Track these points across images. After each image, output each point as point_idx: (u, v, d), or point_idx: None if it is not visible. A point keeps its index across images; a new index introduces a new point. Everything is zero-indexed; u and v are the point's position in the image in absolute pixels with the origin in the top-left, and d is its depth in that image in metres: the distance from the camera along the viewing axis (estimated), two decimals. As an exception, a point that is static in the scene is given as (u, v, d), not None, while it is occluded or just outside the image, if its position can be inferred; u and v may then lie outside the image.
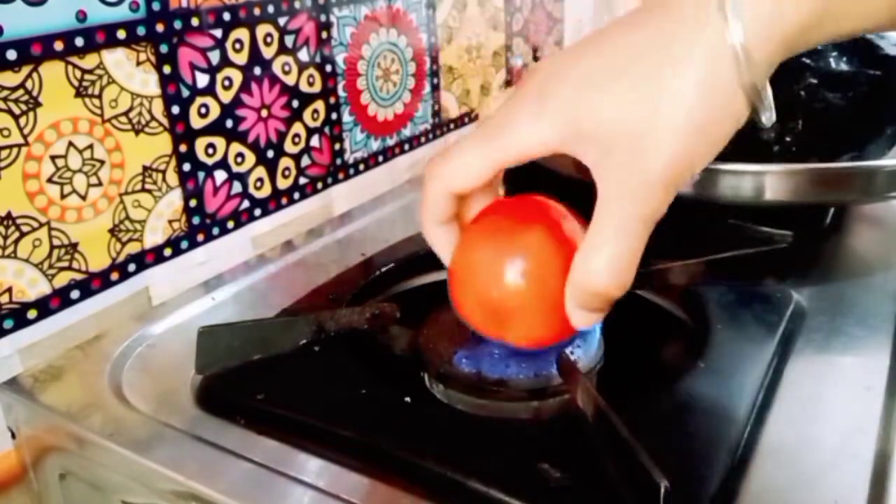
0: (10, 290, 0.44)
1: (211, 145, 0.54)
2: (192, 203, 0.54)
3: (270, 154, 0.59)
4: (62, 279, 0.47)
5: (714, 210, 0.55)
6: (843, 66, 0.54)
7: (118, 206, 0.49)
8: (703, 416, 0.34)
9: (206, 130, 0.54)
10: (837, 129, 0.54)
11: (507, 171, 0.37)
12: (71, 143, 0.46)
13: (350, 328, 0.43)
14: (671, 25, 0.30)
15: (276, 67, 0.58)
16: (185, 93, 0.52)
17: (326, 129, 0.64)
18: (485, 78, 0.83)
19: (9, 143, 0.43)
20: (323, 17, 0.61)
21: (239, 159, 0.57)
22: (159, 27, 0.49)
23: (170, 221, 0.53)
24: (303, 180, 0.62)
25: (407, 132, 0.73)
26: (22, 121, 0.43)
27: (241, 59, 0.55)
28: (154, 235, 0.52)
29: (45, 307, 0.46)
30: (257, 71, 0.56)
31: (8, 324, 0.44)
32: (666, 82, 0.29)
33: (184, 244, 0.54)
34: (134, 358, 0.44)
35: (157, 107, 0.50)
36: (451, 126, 0.79)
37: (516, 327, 0.37)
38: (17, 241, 0.44)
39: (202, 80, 0.53)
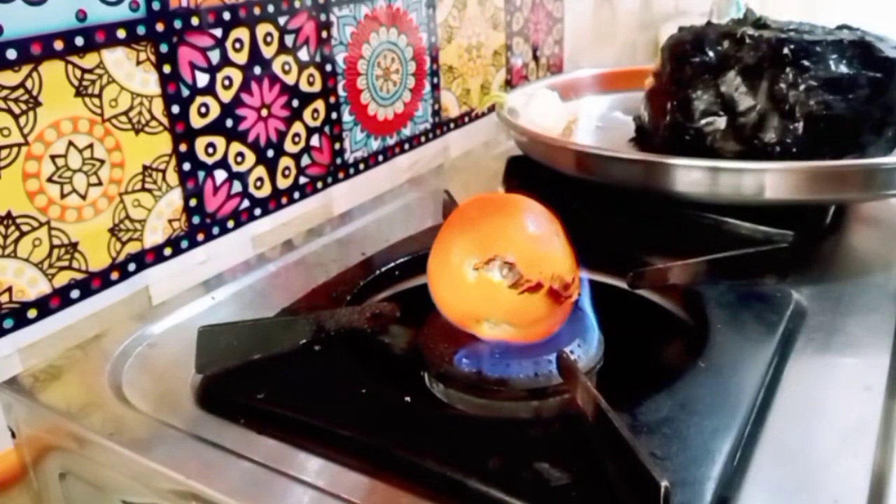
0: (10, 289, 0.44)
1: (211, 145, 0.54)
2: (192, 202, 0.54)
3: (270, 153, 0.59)
4: (62, 279, 0.47)
5: (714, 209, 0.55)
6: (844, 69, 0.54)
7: (118, 206, 0.49)
8: (703, 416, 0.34)
9: (206, 130, 0.54)
10: (838, 131, 0.54)
11: (507, 171, 0.38)
12: (71, 143, 0.46)
13: (350, 328, 0.43)
14: None
15: (276, 67, 0.58)
16: (185, 92, 0.52)
17: (326, 129, 0.64)
18: (485, 77, 0.83)
19: (9, 142, 0.43)
20: (323, 17, 0.61)
21: (239, 159, 0.57)
22: (159, 26, 0.49)
23: (170, 221, 0.53)
24: (303, 180, 0.62)
25: (407, 131, 0.73)
26: (22, 120, 0.43)
27: (241, 58, 0.55)
28: (154, 235, 0.52)
29: (45, 307, 0.46)
30: (257, 70, 0.56)
31: (8, 323, 0.44)
32: None
33: (184, 244, 0.54)
34: (134, 357, 0.44)
35: (157, 106, 0.50)
36: (452, 125, 0.79)
37: (491, 324, 0.39)
38: (17, 241, 0.44)
39: (202, 79, 0.53)
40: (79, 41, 0.45)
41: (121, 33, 0.47)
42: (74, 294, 0.47)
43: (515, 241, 0.38)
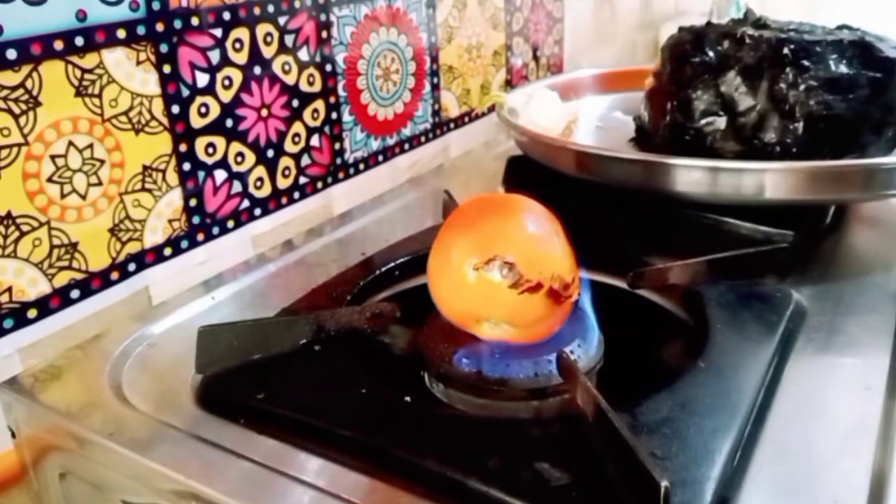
0: (10, 289, 0.44)
1: (211, 145, 0.54)
2: (192, 202, 0.54)
3: (270, 153, 0.59)
4: (62, 279, 0.47)
5: (714, 209, 0.55)
6: (843, 69, 0.54)
7: (118, 206, 0.49)
8: (703, 416, 0.34)
9: (206, 130, 0.54)
10: (838, 131, 0.54)
11: (507, 171, 0.38)
12: (71, 143, 0.46)
13: (350, 328, 0.43)
14: None
15: (276, 67, 0.58)
16: (185, 92, 0.52)
17: (326, 129, 0.64)
18: (485, 77, 0.83)
19: (9, 142, 0.43)
20: (323, 17, 0.61)
21: (239, 159, 0.57)
22: (159, 26, 0.49)
23: (170, 221, 0.53)
24: (303, 180, 0.62)
25: (407, 132, 0.73)
26: (22, 120, 0.43)
27: (241, 58, 0.55)
28: (154, 235, 0.52)
29: (45, 307, 0.46)
30: (257, 70, 0.56)
31: (8, 323, 0.44)
32: None
33: (184, 243, 0.54)
34: (134, 357, 0.44)
35: (157, 106, 0.50)
36: (452, 125, 0.79)
37: (491, 324, 0.39)
38: (17, 241, 0.44)
39: (202, 79, 0.53)
40: (79, 41, 0.45)
41: (121, 33, 0.47)
42: (74, 294, 0.47)
43: (515, 241, 0.38)
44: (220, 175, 0.55)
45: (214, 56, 0.53)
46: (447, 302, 0.40)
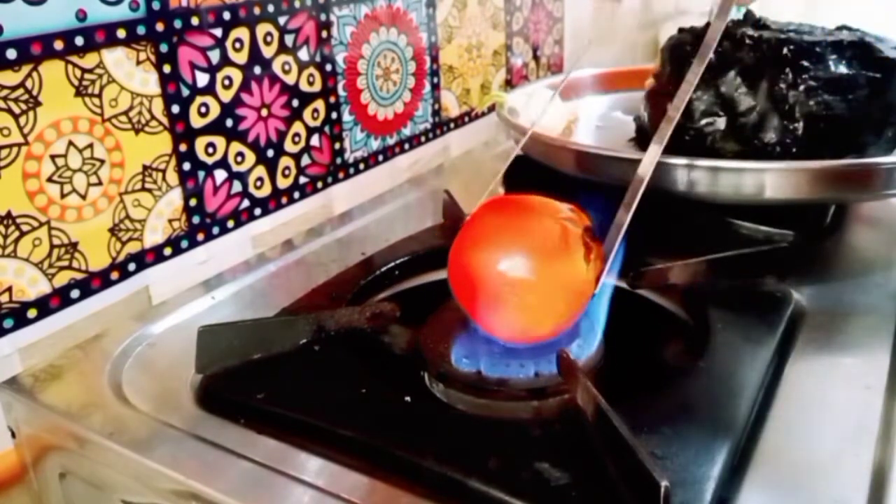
0: (10, 289, 0.44)
1: (211, 144, 0.54)
2: (192, 202, 0.54)
3: (270, 153, 0.59)
4: (62, 278, 0.47)
5: (714, 209, 0.55)
6: (843, 69, 0.54)
7: (118, 206, 0.49)
8: (703, 416, 0.34)
9: (206, 130, 0.54)
10: (838, 131, 0.54)
11: (506, 171, 0.38)
12: (71, 143, 0.46)
13: (350, 327, 0.43)
14: None
15: (276, 67, 0.58)
16: (185, 92, 0.52)
17: (326, 129, 0.64)
18: (485, 77, 0.83)
19: (9, 142, 0.43)
20: (323, 17, 0.61)
21: (239, 158, 0.57)
22: (159, 26, 0.49)
23: (170, 221, 0.53)
24: (303, 179, 0.62)
25: (407, 131, 0.73)
26: (22, 120, 0.43)
27: (241, 58, 0.55)
28: (154, 235, 0.52)
29: (45, 306, 0.46)
30: (257, 70, 0.56)
31: (8, 323, 0.44)
32: None
33: (184, 243, 0.54)
34: (134, 357, 0.44)
35: (157, 106, 0.50)
36: (452, 125, 0.79)
37: (508, 320, 0.39)
38: (17, 241, 0.44)
39: (202, 79, 0.53)
40: (79, 41, 0.45)
41: (121, 33, 0.47)
42: (74, 294, 0.47)
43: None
44: (220, 175, 0.55)
45: (214, 56, 0.53)
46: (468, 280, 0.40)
